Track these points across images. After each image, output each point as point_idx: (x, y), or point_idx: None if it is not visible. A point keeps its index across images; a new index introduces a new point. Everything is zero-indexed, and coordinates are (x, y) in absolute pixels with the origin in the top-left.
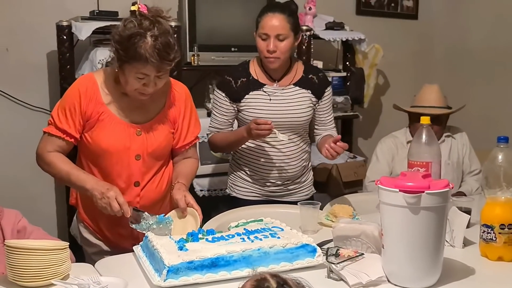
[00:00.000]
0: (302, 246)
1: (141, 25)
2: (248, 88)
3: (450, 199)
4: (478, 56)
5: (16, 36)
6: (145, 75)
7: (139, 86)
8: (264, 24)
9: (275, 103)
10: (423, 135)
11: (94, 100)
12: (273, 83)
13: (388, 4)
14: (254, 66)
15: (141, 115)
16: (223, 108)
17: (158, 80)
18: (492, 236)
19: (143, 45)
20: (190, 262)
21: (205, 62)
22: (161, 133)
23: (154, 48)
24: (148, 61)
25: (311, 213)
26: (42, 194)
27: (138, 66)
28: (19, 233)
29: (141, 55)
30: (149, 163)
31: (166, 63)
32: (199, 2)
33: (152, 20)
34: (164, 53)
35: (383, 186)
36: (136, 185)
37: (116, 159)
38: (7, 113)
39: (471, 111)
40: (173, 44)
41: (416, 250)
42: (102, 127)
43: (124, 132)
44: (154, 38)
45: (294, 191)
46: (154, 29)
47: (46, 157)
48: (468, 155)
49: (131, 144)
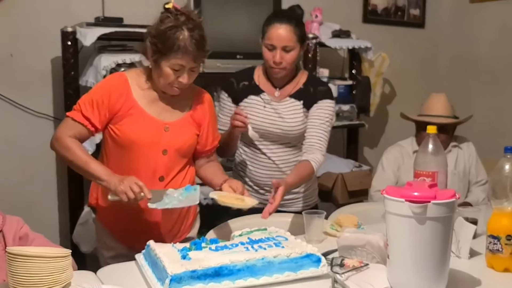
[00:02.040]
0: (307, 256)
1: (178, 20)
2: (248, 91)
3: (456, 210)
4: (485, 65)
5: (20, 42)
6: (181, 66)
7: (173, 79)
8: (271, 35)
9: (269, 112)
10: (429, 144)
11: (124, 96)
12: (275, 90)
13: (395, 13)
14: (258, 72)
15: (169, 113)
16: (226, 108)
17: (191, 74)
18: (499, 247)
19: (181, 36)
20: (193, 271)
21: (210, 69)
22: (187, 131)
23: (191, 38)
24: (186, 51)
25: (316, 223)
26: (44, 200)
27: (176, 56)
28: (21, 240)
29: (179, 46)
30: (174, 159)
31: (202, 53)
32: (205, 10)
33: (187, 15)
34: (200, 44)
35: (389, 195)
36: (161, 180)
37: (144, 153)
38: (11, 119)
39: (477, 120)
40: (206, 37)
41: (422, 261)
42: (131, 121)
43: (153, 127)
44: (190, 30)
45: (293, 201)
46: (189, 23)
47: (65, 140)
48: (474, 165)
49: (159, 139)
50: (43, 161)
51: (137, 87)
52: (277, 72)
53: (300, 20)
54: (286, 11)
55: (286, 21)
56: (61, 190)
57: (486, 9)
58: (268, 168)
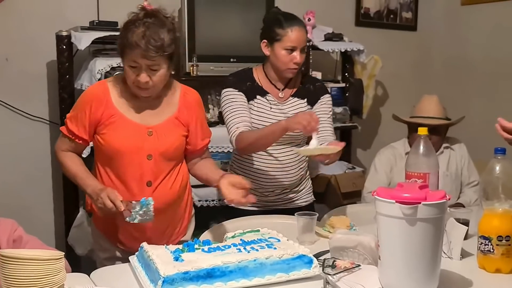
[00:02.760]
0: (299, 257)
1: (138, 15)
2: (254, 92)
3: (447, 211)
4: (477, 67)
5: (15, 46)
6: (135, 62)
7: (134, 78)
8: (293, 37)
9: (275, 113)
10: (420, 146)
11: (104, 104)
12: (278, 91)
13: (387, 16)
14: (258, 74)
15: (152, 117)
16: (245, 103)
17: (151, 73)
18: (490, 248)
19: (134, 31)
20: (185, 273)
21: (204, 72)
22: (172, 134)
23: (143, 34)
24: (135, 46)
25: (308, 224)
26: (39, 203)
27: (129, 52)
28: (15, 242)
29: (131, 41)
30: (160, 163)
31: (151, 49)
32: (198, 13)
33: (149, 13)
34: (151, 40)
35: (380, 197)
36: (149, 185)
37: (128, 159)
38: (7, 123)
39: (469, 122)
40: (165, 36)
41: (413, 262)
42: (114, 128)
43: (136, 132)
44: (146, 26)
45: (293, 199)
46: (149, 19)
47: (59, 155)
48: (466, 166)
49: (143, 144)
50: (39, 164)
51: (118, 93)
52: (292, 73)
53: None
54: (291, 14)
55: (301, 23)
56: (57, 192)
57: (477, 11)
58: (273, 168)
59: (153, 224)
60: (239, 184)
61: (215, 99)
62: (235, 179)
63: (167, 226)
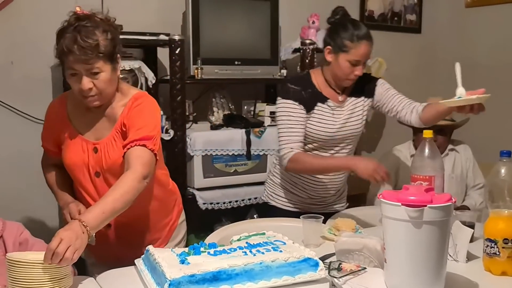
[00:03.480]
0: (304, 260)
1: (69, 21)
2: (315, 99)
3: (452, 213)
4: (482, 69)
5: (20, 50)
6: (74, 70)
7: (78, 87)
8: (361, 51)
9: (337, 117)
10: (426, 148)
11: (60, 120)
12: (338, 95)
13: (392, 18)
14: (316, 78)
15: (100, 131)
16: (301, 117)
17: (93, 77)
18: (496, 250)
19: (66, 38)
20: (191, 276)
21: (208, 75)
22: (115, 148)
23: (74, 38)
24: (68, 51)
25: (313, 227)
26: (44, 206)
27: (66, 60)
28: (21, 245)
29: (64, 48)
30: (110, 180)
31: (85, 52)
32: (203, 16)
33: (79, 16)
34: (82, 42)
35: (385, 200)
36: None
37: (81, 176)
38: (11, 126)
39: (474, 124)
40: (99, 36)
41: (419, 265)
42: (67, 145)
43: (84, 149)
44: (77, 30)
45: (332, 203)
46: (79, 23)
47: (43, 169)
48: (471, 169)
49: (89, 161)
50: None
51: (73, 107)
52: (350, 83)
53: None
54: (363, 25)
55: (370, 37)
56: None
57: (482, 13)
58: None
59: (116, 238)
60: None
61: (219, 102)
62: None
63: (136, 239)
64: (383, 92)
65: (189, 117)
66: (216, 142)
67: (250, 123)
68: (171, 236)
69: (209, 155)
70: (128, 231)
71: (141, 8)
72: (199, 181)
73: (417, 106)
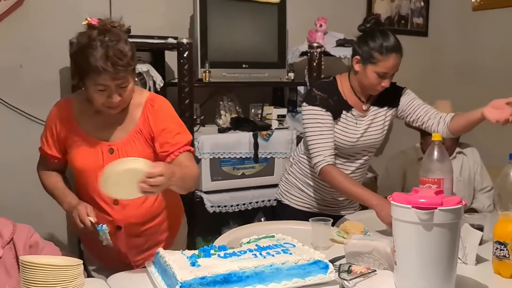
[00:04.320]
0: (314, 263)
1: (90, 36)
2: (341, 107)
3: (463, 216)
4: (488, 73)
5: (29, 53)
6: (104, 86)
7: (104, 100)
8: (389, 64)
9: (360, 126)
10: (434, 151)
11: (67, 122)
12: (362, 104)
13: (398, 21)
14: (343, 85)
15: (115, 133)
16: (329, 125)
17: (122, 90)
18: (505, 253)
19: (94, 55)
20: (202, 278)
21: (216, 78)
22: (134, 149)
23: (105, 56)
24: (102, 70)
25: (322, 230)
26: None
27: (94, 77)
28: (31, 248)
29: (94, 66)
30: None
31: (119, 69)
32: (211, 20)
33: (101, 29)
34: (116, 60)
35: (396, 202)
36: (116, 203)
37: (92, 178)
38: (20, 129)
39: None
40: (127, 50)
41: (429, 267)
42: (77, 147)
43: (97, 151)
44: (105, 46)
45: (346, 206)
46: (104, 38)
47: (39, 174)
48: (479, 172)
49: (104, 162)
50: None
51: (80, 110)
52: (377, 92)
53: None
54: (393, 36)
55: (400, 49)
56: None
57: (488, 17)
58: None
59: (126, 240)
60: None
61: (226, 105)
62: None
63: (145, 242)
64: (409, 102)
65: (197, 120)
66: (223, 145)
67: (258, 126)
68: (176, 236)
69: (217, 158)
70: (137, 232)
71: (149, 12)
72: (206, 184)
73: (444, 117)
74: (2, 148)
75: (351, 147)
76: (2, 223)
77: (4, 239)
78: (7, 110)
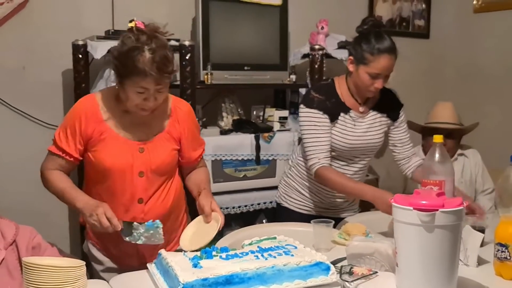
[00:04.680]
0: (316, 264)
1: (139, 40)
2: (338, 109)
3: (464, 218)
4: (490, 74)
5: (32, 55)
6: (145, 89)
7: (140, 101)
8: (380, 65)
9: (358, 128)
10: (436, 153)
11: (94, 120)
12: (359, 106)
13: (400, 23)
14: (341, 87)
15: (144, 133)
16: (326, 127)
17: (158, 95)
18: (507, 254)
19: (141, 58)
20: (204, 279)
21: (218, 80)
22: (164, 149)
23: (152, 61)
24: (148, 74)
25: (324, 231)
26: (55, 210)
27: (137, 80)
28: (34, 249)
29: (140, 69)
30: (152, 179)
31: (164, 75)
32: (213, 22)
33: (149, 35)
34: (162, 66)
35: (397, 204)
36: (140, 202)
37: (119, 177)
38: (23, 130)
39: (483, 129)
40: (171, 58)
41: (431, 269)
42: (104, 145)
43: (127, 150)
44: (152, 51)
45: (345, 208)
46: (151, 43)
47: (46, 174)
48: (481, 174)
49: (134, 161)
50: None
51: (108, 108)
52: (371, 94)
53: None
54: (388, 38)
55: (393, 51)
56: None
57: (490, 19)
58: None
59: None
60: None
61: (228, 107)
62: (203, 201)
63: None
64: (401, 127)
65: (199, 122)
66: (225, 147)
67: (260, 128)
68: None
69: (219, 160)
70: None
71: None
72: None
73: (412, 164)
74: (5, 150)
75: (349, 149)
76: (5, 224)
77: (7, 241)
78: (10, 112)
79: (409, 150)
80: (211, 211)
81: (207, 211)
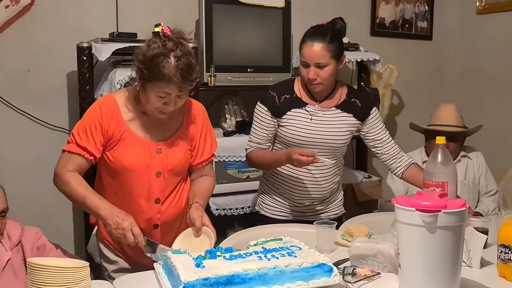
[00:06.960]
0: (319, 266)
1: (165, 46)
2: (290, 104)
3: (466, 219)
4: (493, 76)
5: (37, 57)
6: (167, 94)
7: (160, 105)
8: (304, 52)
9: (316, 123)
10: (438, 155)
11: (115, 119)
12: (315, 104)
13: (403, 25)
14: (298, 85)
15: (160, 133)
16: (264, 122)
17: (178, 100)
18: (510, 256)
19: (166, 65)
20: (205, 279)
21: (221, 82)
22: (180, 150)
23: (177, 68)
24: (172, 80)
25: (327, 233)
26: (60, 212)
27: (161, 85)
28: (39, 250)
29: (165, 75)
30: (169, 179)
31: (188, 83)
32: (216, 24)
33: (176, 42)
34: (186, 73)
35: (400, 205)
36: (157, 202)
37: (137, 177)
38: (28, 132)
39: (486, 131)
40: (195, 65)
41: (433, 270)
42: (124, 145)
43: (145, 150)
44: (177, 58)
45: (322, 211)
46: (177, 50)
47: (64, 176)
48: (484, 175)
49: (152, 161)
50: None
51: (127, 108)
52: (314, 87)
53: (336, 35)
54: (321, 27)
55: (319, 38)
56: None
57: (493, 21)
58: (305, 180)
59: (161, 238)
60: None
61: (231, 109)
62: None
63: (174, 238)
64: (374, 125)
65: None
66: (229, 149)
67: None
68: None
69: (222, 161)
70: (169, 230)
71: (154, 16)
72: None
73: (404, 161)
74: (10, 151)
75: (306, 142)
76: (10, 225)
77: (13, 241)
78: (15, 114)
79: (392, 148)
80: (201, 225)
81: (198, 225)
